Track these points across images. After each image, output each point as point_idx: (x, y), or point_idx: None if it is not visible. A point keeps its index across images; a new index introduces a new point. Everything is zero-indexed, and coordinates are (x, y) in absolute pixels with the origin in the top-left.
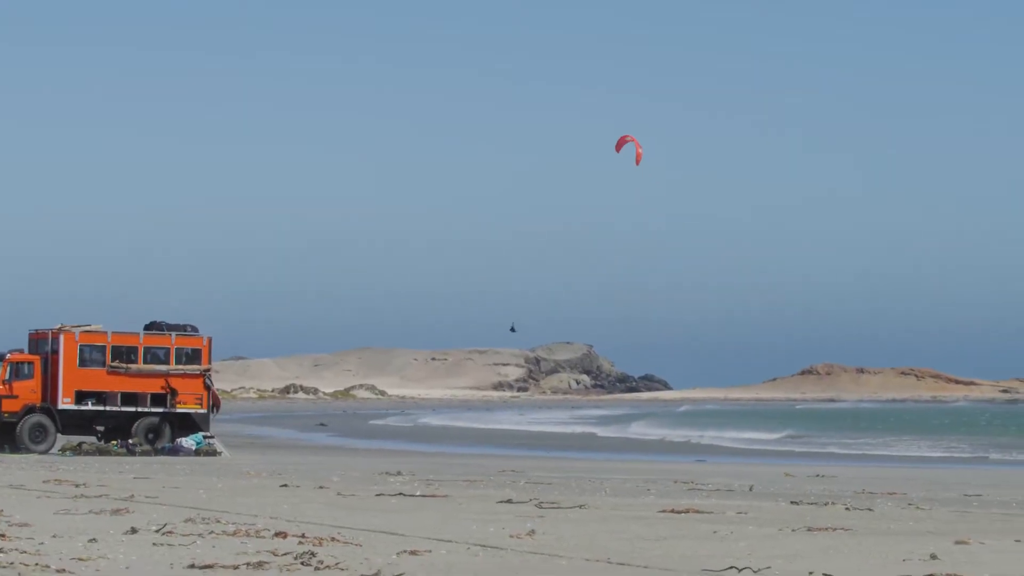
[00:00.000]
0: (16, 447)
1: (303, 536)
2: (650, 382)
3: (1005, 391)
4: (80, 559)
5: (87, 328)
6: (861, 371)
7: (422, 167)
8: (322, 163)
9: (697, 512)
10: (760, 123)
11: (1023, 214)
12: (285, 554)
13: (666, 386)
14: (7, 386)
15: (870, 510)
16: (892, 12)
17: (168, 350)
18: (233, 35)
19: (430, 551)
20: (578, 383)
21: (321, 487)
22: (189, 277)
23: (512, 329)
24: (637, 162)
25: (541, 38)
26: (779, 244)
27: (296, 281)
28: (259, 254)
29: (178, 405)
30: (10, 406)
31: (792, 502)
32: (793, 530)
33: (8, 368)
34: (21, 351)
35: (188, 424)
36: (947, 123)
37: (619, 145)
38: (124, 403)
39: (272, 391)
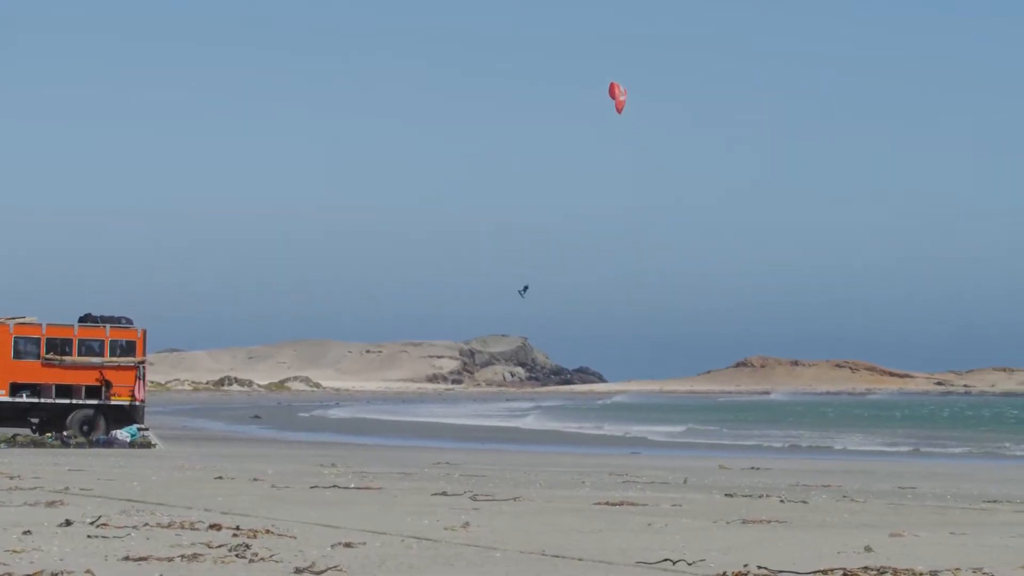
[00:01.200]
0: None
1: (237, 528)
2: (585, 375)
3: (940, 383)
4: (14, 551)
5: (21, 320)
6: (796, 363)
7: (360, 162)
8: (258, 159)
9: (632, 504)
10: (694, 117)
11: (956, 210)
12: (219, 546)
13: (601, 379)
14: None
15: (805, 502)
16: (888, 11)
17: (103, 342)
18: (168, 25)
19: (364, 543)
20: (513, 375)
21: (255, 479)
22: (125, 270)
23: (525, 288)
24: (619, 110)
25: (478, 31)
26: (714, 237)
27: (231, 273)
28: (194, 247)
29: (113, 397)
30: None
31: (727, 494)
32: (728, 522)
33: None
34: None
35: (122, 416)
36: (890, 121)
37: (613, 91)
38: (59, 395)
39: (206, 383)
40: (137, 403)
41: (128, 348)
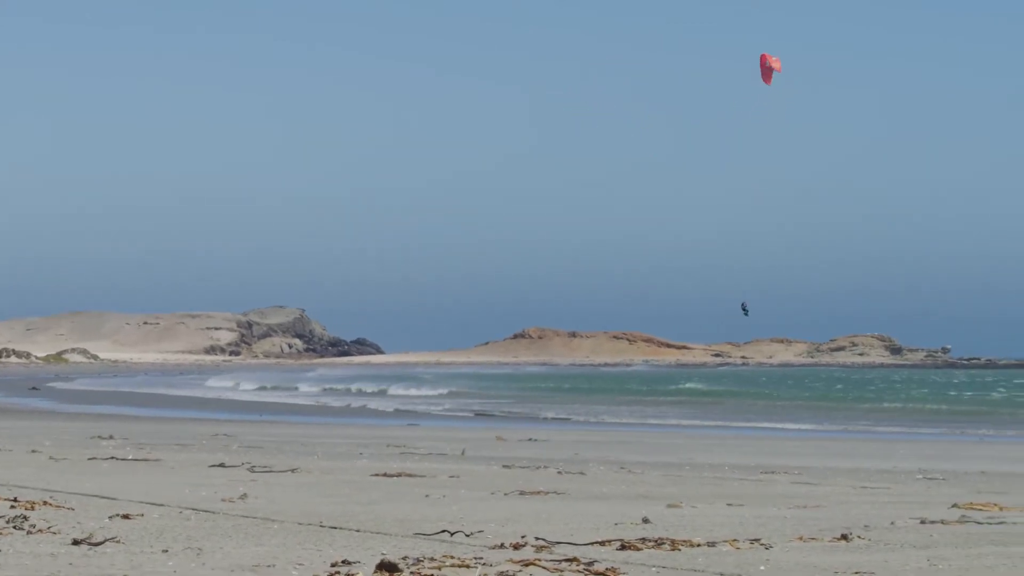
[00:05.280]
0: None
1: (15, 500)
2: (362, 346)
3: (717, 355)
4: None
5: None
6: (573, 335)
7: (138, 132)
8: (33, 130)
9: (409, 476)
10: (472, 85)
11: (731, 183)
12: None
13: (379, 350)
14: None
15: (582, 474)
16: None
17: None
18: None
19: (142, 515)
20: (291, 347)
21: (33, 451)
22: None
23: (744, 309)
24: (773, 71)
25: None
26: (492, 206)
27: (8, 245)
28: None
29: None
30: None
31: (504, 466)
32: (505, 494)
33: None
34: None
35: None
36: (672, 92)
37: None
38: None
39: None
40: None
41: None
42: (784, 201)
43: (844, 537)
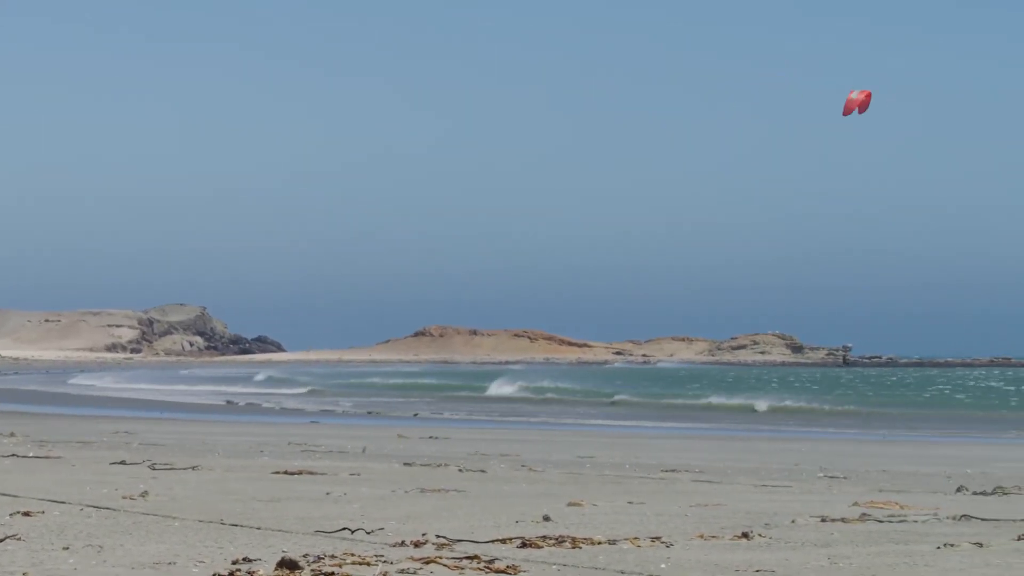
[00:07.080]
0: None
1: None
2: (264, 344)
3: (619, 353)
4: None
5: None
6: (475, 333)
7: (30, 128)
8: None
9: (311, 474)
10: (384, 83)
11: (632, 181)
12: None
13: (280, 348)
14: None
15: (483, 471)
16: None
17: None
18: None
19: (43, 512)
20: (192, 345)
21: None
22: None
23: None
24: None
25: None
26: (391, 204)
27: None
28: None
29: None
30: None
31: (405, 463)
32: (406, 491)
33: None
34: None
35: None
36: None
37: (849, 109)
38: None
39: None
40: None
41: None
42: (685, 199)
43: (745, 535)
